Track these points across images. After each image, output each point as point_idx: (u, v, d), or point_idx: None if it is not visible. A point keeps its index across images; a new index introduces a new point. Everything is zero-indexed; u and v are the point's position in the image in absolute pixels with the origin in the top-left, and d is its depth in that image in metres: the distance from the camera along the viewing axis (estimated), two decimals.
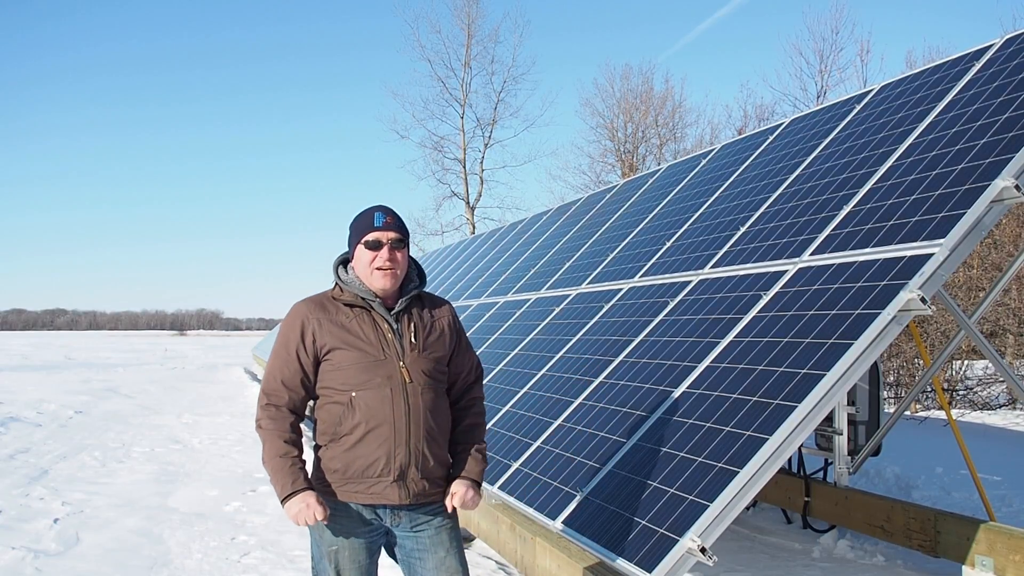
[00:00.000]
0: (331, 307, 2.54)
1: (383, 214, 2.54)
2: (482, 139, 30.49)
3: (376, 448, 2.43)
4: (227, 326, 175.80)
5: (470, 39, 29.81)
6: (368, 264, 2.51)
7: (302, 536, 5.43)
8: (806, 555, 5.08)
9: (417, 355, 2.52)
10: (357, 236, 2.55)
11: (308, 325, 2.50)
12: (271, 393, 2.52)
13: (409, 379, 2.48)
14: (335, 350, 2.48)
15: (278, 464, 2.44)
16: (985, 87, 4.15)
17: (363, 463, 2.44)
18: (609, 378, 4.75)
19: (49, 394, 15.62)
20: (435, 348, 2.58)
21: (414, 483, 2.47)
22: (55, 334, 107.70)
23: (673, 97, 27.02)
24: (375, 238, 2.50)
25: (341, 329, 2.49)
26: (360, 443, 2.44)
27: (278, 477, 2.43)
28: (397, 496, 2.46)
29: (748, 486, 3.08)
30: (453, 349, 2.67)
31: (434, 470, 2.52)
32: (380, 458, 2.44)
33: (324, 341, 2.49)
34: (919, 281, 3.28)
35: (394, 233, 2.52)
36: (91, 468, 8.02)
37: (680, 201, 6.51)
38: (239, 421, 12.00)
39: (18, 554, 4.98)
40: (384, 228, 2.51)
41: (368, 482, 2.45)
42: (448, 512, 2.61)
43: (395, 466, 2.44)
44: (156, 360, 32.57)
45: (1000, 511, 5.65)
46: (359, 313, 2.53)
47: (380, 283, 2.51)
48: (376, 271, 2.50)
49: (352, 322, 2.51)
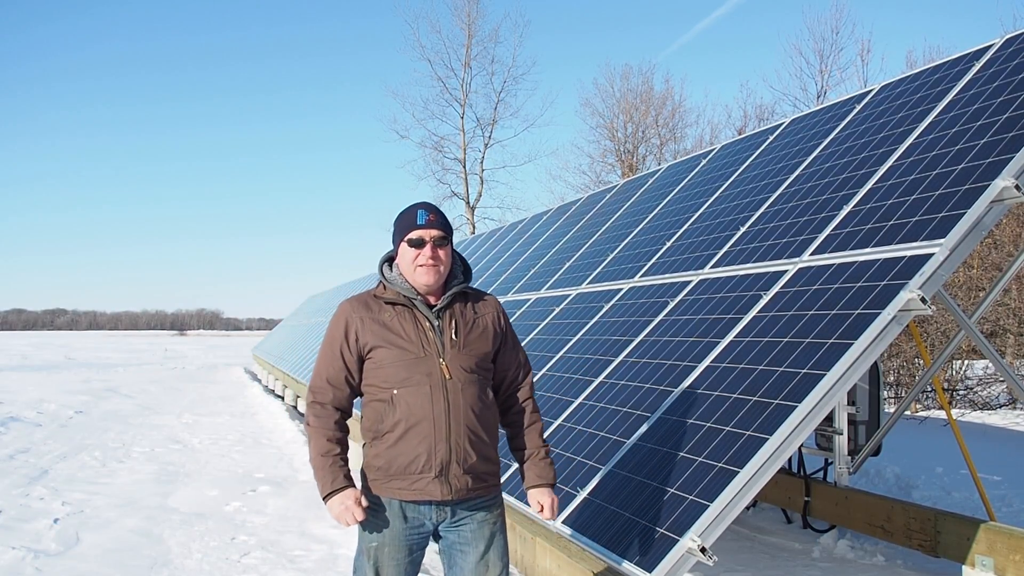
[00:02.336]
0: (374, 305, 2.58)
1: (426, 211, 2.56)
2: (482, 139, 30.51)
3: (417, 445, 2.46)
4: (227, 326, 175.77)
5: (470, 39, 29.82)
6: (411, 261, 2.54)
7: (302, 536, 5.43)
8: (806, 555, 5.08)
9: (457, 352, 2.53)
10: (400, 234, 2.57)
11: (352, 324, 2.55)
12: (317, 391, 2.57)
13: (449, 375, 2.50)
14: (377, 348, 2.52)
15: (320, 463, 2.49)
16: (985, 87, 4.15)
17: (405, 460, 2.47)
18: (609, 378, 4.75)
19: (49, 394, 15.62)
20: (477, 345, 2.59)
21: (456, 479, 2.49)
22: (55, 334, 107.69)
23: (673, 97, 27.04)
24: (418, 236, 2.52)
25: (383, 327, 2.53)
26: (401, 440, 2.47)
27: (320, 475, 2.49)
28: (439, 492, 2.48)
29: (748, 486, 3.08)
30: (499, 346, 2.68)
31: (476, 466, 2.53)
32: (421, 454, 2.46)
33: (367, 339, 2.53)
34: (919, 281, 3.28)
35: (437, 231, 2.54)
36: (91, 468, 8.02)
37: (680, 201, 6.51)
38: (239, 421, 12.00)
39: (18, 554, 4.97)
40: (427, 226, 2.53)
41: (411, 478, 2.48)
42: (495, 505, 2.64)
43: (436, 462, 2.46)
44: (156, 360, 32.57)
45: (1000, 511, 5.65)
46: (401, 311, 2.56)
47: (423, 280, 2.54)
48: (419, 268, 2.53)
49: (394, 320, 2.54)
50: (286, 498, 6.62)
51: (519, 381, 2.74)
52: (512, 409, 2.73)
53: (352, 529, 5.55)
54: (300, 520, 5.87)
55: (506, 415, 2.75)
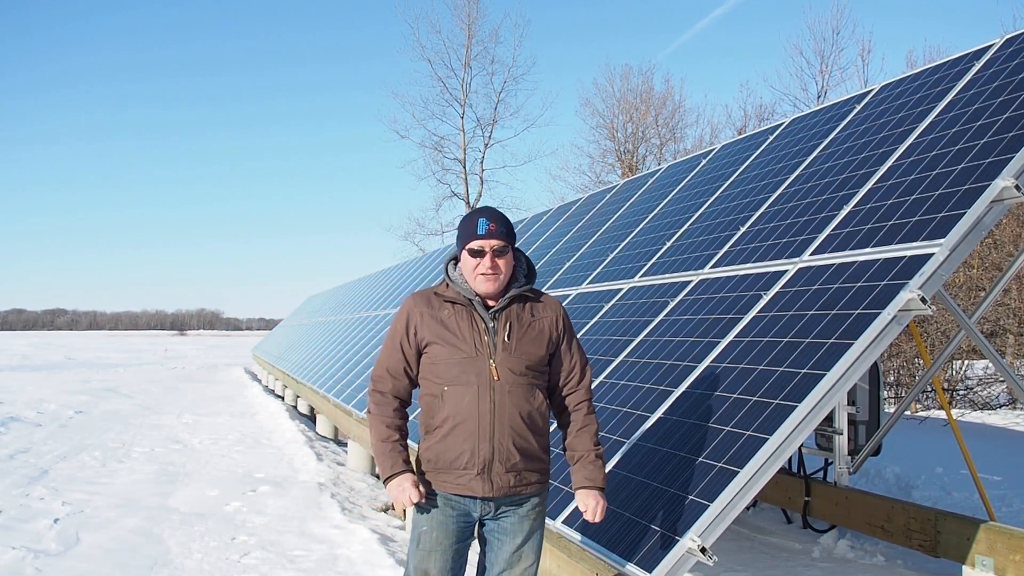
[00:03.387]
0: (435, 302, 2.67)
1: (487, 221, 2.61)
2: (482, 139, 30.47)
3: (462, 442, 2.55)
4: (227, 326, 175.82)
5: (470, 39, 29.79)
6: (472, 270, 2.62)
7: (302, 536, 5.43)
8: (806, 555, 5.08)
9: (508, 354, 2.59)
10: (462, 241, 2.65)
11: (412, 319, 2.65)
12: (377, 379, 2.69)
13: (497, 377, 2.56)
14: (432, 344, 2.61)
15: (380, 448, 2.62)
16: (985, 87, 4.15)
17: (451, 455, 2.57)
18: (609, 378, 4.75)
19: (49, 394, 15.62)
20: (530, 348, 2.63)
21: (498, 477, 2.56)
22: (55, 334, 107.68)
23: (673, 97, 27.00)
24: (479, 246, 2.60)
25: (440, 325, 2.61)
26: (449, 436, 2.57)
27: (380, 461, 2.61)
28: (482, 489, 2.57)
29: (748, 486, 3.08)
30: (555, 349, 2.72)
31: (520, 465, 2.59)
32: (465, 452, 2.55)
33: (424, 335, 2.63)
34: (919, 281, 3.28)
35: (497, 241, 2.60)
36: (91, 468, 8.02)
37: (680, 201, 6.51)
38: (239, 421, 12.00)
39: (18, 554, 4.98)
40: (487, 236, 2.60)
41: (456, 473, 2.58)
42: (538, 499, 2.69)
43: (478, 460, 2.55)
44: (156, 360, 32.57)
45: (1000, 511, 5.65)
46: (459, 310, 2.64)
47: (482, 288, 2.63)
48: (479, 276, 2.61)
49: (451, 319, 2.62)
50: (286, 498, 6.62)
51: (575, 384, 2.78)
52: (567, 411, 2.78)
53: (351, 529, 5.56)
54: (300, 520, 5.87)
55: (561, 415, 2.80)
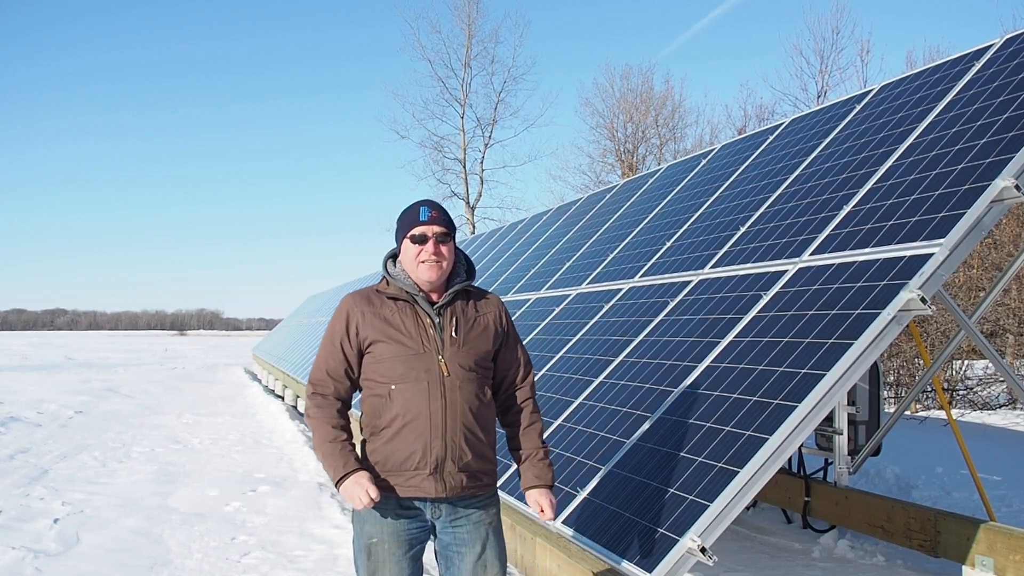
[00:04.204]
0: (376, 300, 2.59)
1: (428, 208, 2.58)
2: (482, 139, 30.53)
3: (413, 441, 2.47)
4: (227, 326, 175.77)
5: (470, 39, 29.84)
6: (414, 258, 2.55)
7: (302, 536, 5.43)
8: (806, 555, 5.08)
9: (457, 349, 2.53)
10: (403, 230, 2.59)
11: (353, 318, 2.56)
12: (317, 383, 2.59)
13: (447, 372, 2.50)
14: (376, 343, 2.53)
15: (328, 449, 2.49)
16: (985, 87, 4.15)
17: (401, 456, 2.48)
18: (609, 378, 4.75)
19: (49, 394, 15.62)
20: (477, 343, 2.59)
21: (451, 476, 2.49)
22: (55, 334, 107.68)
23: (673, 97, 27.03)
24: (420, 232, 2.54)
25: (383, 322, 2.54)
26: (398, 436, 2.48)
27: (330, 461, 2.48)
28: (434, 489, 2.48)
29: (748, 486, 3.08)
30: (499, 345, 2.68)
31: (472, 464, 2.53)
32: (416, 451, 2.46)
33: (367, 334, 2.54)
34: (919, 281, 3.28)
35: (439, 227, 2.55)
36: (91, 468, 8.02)
37: (680, 201, 6.51)
38: (239, 421, 12.00)
39: (18, 554, 4.97)
40: (429, 222, 2.55)
41: (406, 475, 2.48)
42: (492, 505, 2.63)
43: (431, 459, 2.46)
44: (156, 360, 32.56)
45: (1000, 511, 5.65)
46: (402, 307, 2.56)
47: (426, 276, 2.54)
48: (421, 264, 2.54)
49: (395, 316, 2.55)
50: (286, 498, 6.62)
51: (519, 381, 2.73)
52: (512, 409, 2.72)
53: (351, 529, 5.54)
54: (300, 520, 5.87)
55: (506, 415, 2.73)
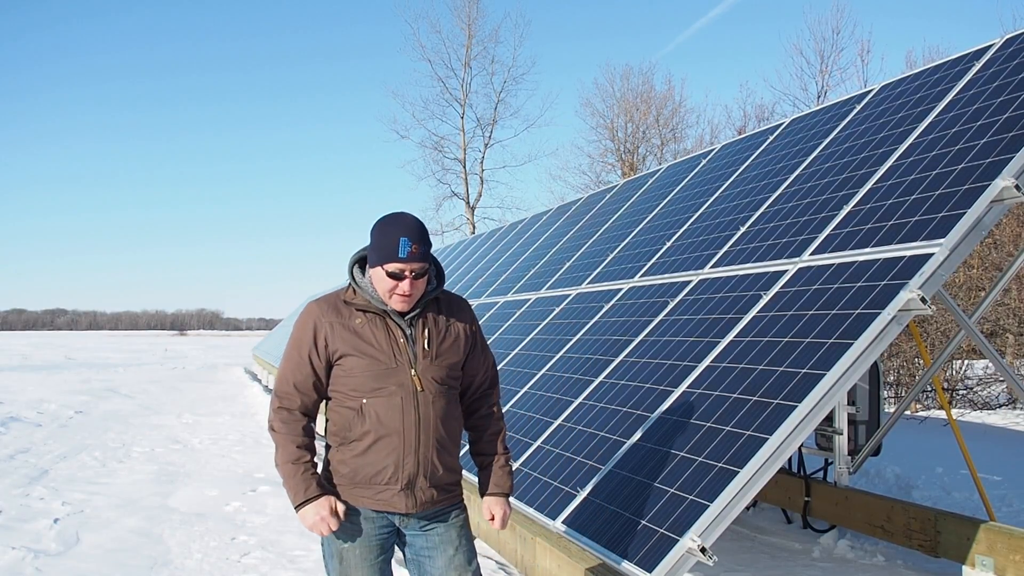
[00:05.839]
0: (344, 311, 2.47)
1: (409, 242, 2.38)
2: (482, 139, 30.56)
3: (385, 456, 2.41)
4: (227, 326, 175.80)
5: (470, 39, 29.86)
6: (387, 289, 2.42)
7: (302, 536, 5.43)
8: (806, 555, 5.08)
9: (430, 363, 2.46)
10: (379, 258, 2.41)
11: (320, 329, 2.44)
12: (283, 396, 2.47)
13: (420, 387, 2.44)
14: (347, 356, 2.43)
15: (290, 470, 2.41)
16: (985, 87, 4.15)
17: (371, 470, 2.42)
18: (609, 378, 4.75)
19: (49, 394, 15.62)
20: (449, 354, 2.52)
21: (422, 492, 2.45)
22: (55, 334, 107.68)
23: (673, 97, 27.02)
24: (398, 269, 2.39)
25: (353, 335, 2.43)
26: (369, 450, 2.42)
27: (291, 484, 2.41)
28: (404, 505, 2.44)
29: (748, 486, 3.08)
30: (468, 352, 2.61)
31: (443, 478, 2.49)
32: (388, 466, 2.41)
33: (336, 346, 2.43)
34: (919, 281, 3.28)
35: (419, 264, 2.40)
36: (91, 468, 8.02)
37: (680, 201, 6.51)
38: (239, 421, 12.00)
39: (18, 554, 4.97)
40: (408, 259, 2.38)
41: (376, 488, 2.43)
42: (459, 510, 2.59)
43: (403, 475, 2.41)
44: (156, 360, 32.56)
45: (1000, 511, 5.65)
46: (372, 319, 2.46)
47: (397, 306, 2.44)
48: (395, 296, 2.43)
49: (365, 328, 2.44)
50: (286, 498, 6.62)
51: (486, 386, 2.69)
52: (476, 413, 2.68)
53: None
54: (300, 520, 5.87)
55: (469, 419, 2.69)
